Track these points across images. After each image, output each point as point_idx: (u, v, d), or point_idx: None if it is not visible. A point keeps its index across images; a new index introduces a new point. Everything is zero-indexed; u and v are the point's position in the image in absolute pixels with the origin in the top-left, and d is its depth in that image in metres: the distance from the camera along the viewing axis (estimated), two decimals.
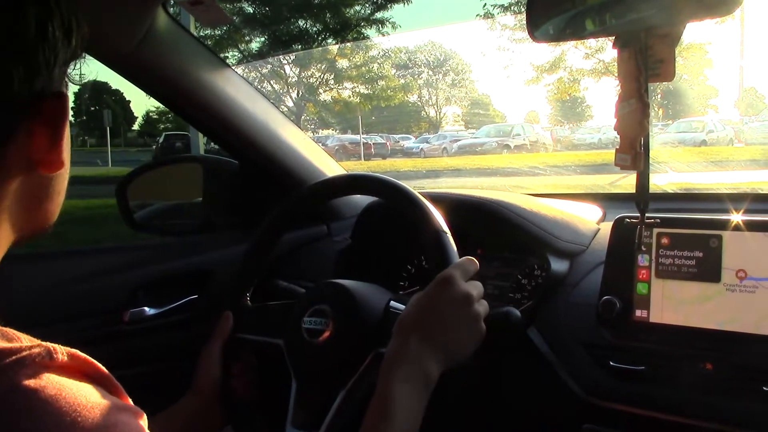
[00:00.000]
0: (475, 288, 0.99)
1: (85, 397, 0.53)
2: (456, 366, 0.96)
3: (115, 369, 0.60)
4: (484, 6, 17.26)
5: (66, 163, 0.66)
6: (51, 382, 0.52)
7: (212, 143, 1.68)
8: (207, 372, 1.18)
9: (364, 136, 22.49)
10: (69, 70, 0.66)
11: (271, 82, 22.21)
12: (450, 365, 0.95)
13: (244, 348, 1.24)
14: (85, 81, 0.78)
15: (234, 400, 1.19)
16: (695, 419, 1.04)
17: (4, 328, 0.56)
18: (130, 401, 0.59)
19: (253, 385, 1.23)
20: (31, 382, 0.51)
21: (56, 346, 0.55)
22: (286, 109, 20.41)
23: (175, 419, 1.13)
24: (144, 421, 0.57)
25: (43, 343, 0.55)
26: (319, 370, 1.10)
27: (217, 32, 17.50)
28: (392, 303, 1.11)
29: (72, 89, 0.69)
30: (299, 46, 18.56)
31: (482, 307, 0.99)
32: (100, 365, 0.59)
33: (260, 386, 1.25)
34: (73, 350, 0.57)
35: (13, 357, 0.52)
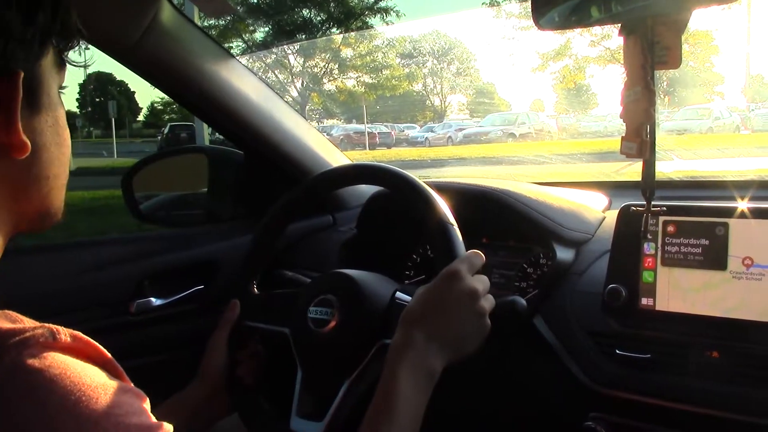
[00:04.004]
0: (481, 283, 0.99)
1: (90, 377, 0.54)
2: (460, 360, 0.96)
3: (121, 360, 0.61)
4: None
5: (50, 146, 0.65)
6: (55, 362, 0.53)
7: (217, 134, 1.68)
8: (213, 359, 1.19)
9: (369, 125, 22.49)
10: (57, 52, 0.66)
11: (276, 72, 22.20)
12: (454, 360, 0.95)
13: (251, 336, 1.24)
14: (88, 64, 0.78)
15: (240, 388, 1.19)
16: (701, 407, 1.04)
17: (8, 311, 0.57)
18: (132, 384, 0.59)
19: (259, 372, 1.24)
20: (35, 362, 0.52)
21: (59, 327, 0.56)
22: (290, 99, 20.41)
23: (181, 406, 1.13)
24: (147, 404, 0.58)
25: (46, 324, 0.56)
26: (325, 359, 1.10)
27: (221, 22, 17.49)
28: (398, 294, 1.11)
29: (76, 80, 0.69)
30: (303, 36, 18.56)
31: (488, 302, 0.99)
32: (102, 349, 0.59)
33: (266, 374, 1.25)
34: (76, 332, 0.57)
35: (17, 337, 0.53)
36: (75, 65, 0.71)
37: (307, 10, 18.23)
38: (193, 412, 1.14)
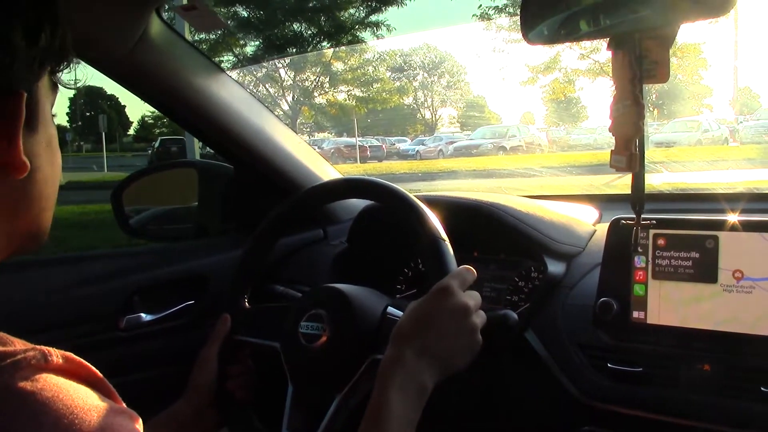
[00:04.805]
0: (473, 299, 0.99)
1: (82, 399, 0.53)
2: (451, 376, 0.96)
3: (111, 376, 0.60)
4: (479, 7, 17.37)
5: (44, 166, 0.65)
6: (48, 384, 0.52)
7: (208, 148, 1.68)
8: (204, 374, 1.18)
9: (360, 139, 22.56)
10: (50, 72, 0.66)
11: (266, 86, 22.23)
12: (445, 376, 0.95)
13: (242, 350, 1.24)
14: (79, 85, 0.78)
15: (230, 402, 1.19)
16: (693, 420, 1.04)
17: None
18: (124, 405, 0.59)
19: (249, 387, 1.23)
20: (27, 384, 0.51)
21: (51, 349, 0.55)
22: (281, 112, 20.43)
23: (171, 421, 1.12)
24: (139, 425, 0.57)
25: (38, 346, 0.55)
26: (316, 374, 1.09)
27: (212, 36, 17.50)
28: (389, 308, 1.10)
29: (67, 94, 0.69)
30: (294, 50, 18.56)
31: (479, 318, 0.99)
32: (94, 369, 0.59)
33: (257, 389, 1.24)
34: (68, 353, 0.57)
35: (9, 360, 0.52)
36: (67, 87, 0.71)
37: (298, 25, 18.24)
38: (184, 426, 1.13)
